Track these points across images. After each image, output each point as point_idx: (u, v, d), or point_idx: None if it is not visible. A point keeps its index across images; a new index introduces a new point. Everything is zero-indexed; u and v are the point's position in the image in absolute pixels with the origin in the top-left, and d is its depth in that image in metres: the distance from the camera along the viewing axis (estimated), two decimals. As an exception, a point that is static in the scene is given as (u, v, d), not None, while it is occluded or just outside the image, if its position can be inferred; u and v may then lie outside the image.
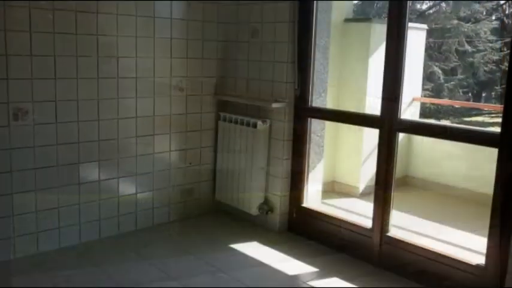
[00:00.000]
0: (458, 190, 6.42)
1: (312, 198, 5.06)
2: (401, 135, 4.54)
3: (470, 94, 18.62)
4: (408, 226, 5.14)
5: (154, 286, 3.95)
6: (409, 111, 6.91)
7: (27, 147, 4.23)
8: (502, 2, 17.38)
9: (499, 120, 3.71)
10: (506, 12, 17.87)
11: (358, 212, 5.54)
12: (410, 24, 4.20)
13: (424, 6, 18.29)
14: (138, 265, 4.26)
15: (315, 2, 4.77)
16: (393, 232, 4.30)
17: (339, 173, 6.56)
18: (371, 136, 5.99)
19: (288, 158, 4.95)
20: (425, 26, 7.37)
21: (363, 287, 4.04)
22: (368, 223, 4.44)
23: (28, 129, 4.21)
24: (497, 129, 3.64)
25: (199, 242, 4.76)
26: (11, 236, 4.26)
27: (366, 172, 6.30)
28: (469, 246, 4.75)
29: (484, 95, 19.13)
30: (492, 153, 3.65)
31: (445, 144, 6.32)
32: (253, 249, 4.64)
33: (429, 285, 4.00)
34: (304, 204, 4.97)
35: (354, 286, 4.04)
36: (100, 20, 4.48)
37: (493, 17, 18.13)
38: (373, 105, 5.84)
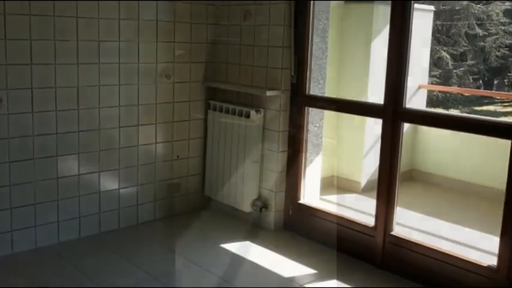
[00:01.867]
0: (468, 185, 6.45)
1: (310, 194, 5.07)
2: (406, 126, 4.54)
3: (481, 81, 18.68)
4: (414, 224, 5.17)
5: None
6: (415, 99, 6.93)
7: (1, 138, 4.22)
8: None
9: (512, 109, 3.73)
10: (520, -8, 17.91)
11: (360, 209, 5.56)
12: (416, 6, 4.22)
13: (432, -14, 18.32)
14: (121, 266, 4.27)
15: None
16: (397, 231, 4.32)
17: (339, 166, 6.58)
18: (374, 126, 6.01)
19: (284, 151, 4.96)
20: (432, 8, 7.37)
21: (365, 289, 4.08)
22: (370, 221, 4.45)
23: (2, 119, 4.19)
24: (511, 119, 3.65)
25: (187, 242, 4.77)
26: (-17, 235, 4.27)
27: (368, 166, 6.32)
28: (479, 245, 4.78)
29: (496, 82, 19.19)
30: (505, 145, 3.67)
31: (454, 135, 6.34)
32: (246, 249, 4.65)
33: (436, 288, 4.04)
34: (301, 201, 4.98)
35: (355, 289, 4.08)
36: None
37: (506, -2, 18.15)
38: (375, 93, 5.85)
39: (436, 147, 6.85)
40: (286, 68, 4.83)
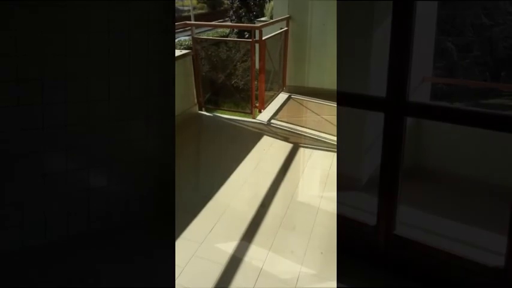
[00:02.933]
0: (475, 182, 6.42)
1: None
2: (409, 120, 4.52)
3: (487, 73, 18.67)
4: (418, 224, 5.15)
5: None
6: (419, 92, 6.91)
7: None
8: (524, -32, 17.41)
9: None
10: (529, -20, 17.89)
11: (361, 207, 5.54)
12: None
13: (436, -26, 18.30)
14: (112, 266, 4.25)
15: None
16: (401, 231, 4.30)
17: (339, 162, 6.55)
18: (376, 120, 5.99)
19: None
20: (437, -4, 7.36)
21: (366, 291, 4.07)
22: (372, 220, 4.43)
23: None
24: (519, 113, 3.64)
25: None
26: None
27: (370, 161, 6.30)
28: (486, 245, 4.76)
29: (503, 74, 19.19)
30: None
31: (460, 129, 6.31)
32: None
33: (441, 290, 4.02)
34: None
35: (356, 291, 4.06)
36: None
37: (514, -14, 18.16)
38: (377, 86, 5.82)
39: (441, 143, 6.81)
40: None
